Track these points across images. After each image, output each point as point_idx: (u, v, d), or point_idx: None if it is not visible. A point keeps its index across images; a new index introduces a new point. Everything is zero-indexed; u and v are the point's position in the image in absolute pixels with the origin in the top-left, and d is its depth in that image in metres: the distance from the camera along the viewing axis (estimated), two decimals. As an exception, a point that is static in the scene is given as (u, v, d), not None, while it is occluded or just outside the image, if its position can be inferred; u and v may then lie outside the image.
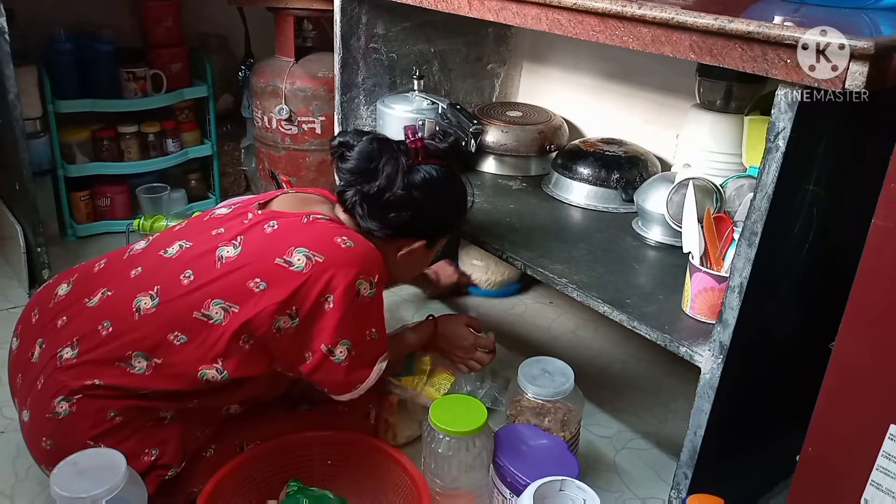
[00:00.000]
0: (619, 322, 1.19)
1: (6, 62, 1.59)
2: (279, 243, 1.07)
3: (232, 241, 1.09)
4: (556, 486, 1.10)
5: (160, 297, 1.06)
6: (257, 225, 1.10)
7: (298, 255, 1.05)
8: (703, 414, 1.06)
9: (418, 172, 1.14)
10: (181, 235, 1.15)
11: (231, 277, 1.05)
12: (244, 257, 1.06)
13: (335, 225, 1.13)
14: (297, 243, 1.06)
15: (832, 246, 1.07)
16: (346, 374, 1.09)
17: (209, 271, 1.06)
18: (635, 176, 1.56)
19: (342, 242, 1.08)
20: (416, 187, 1.14)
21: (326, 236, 1.08)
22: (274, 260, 1.05)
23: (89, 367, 1.04)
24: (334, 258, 1.06)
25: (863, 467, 0.84)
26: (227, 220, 1.15)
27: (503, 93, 1.98)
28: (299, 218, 1.11)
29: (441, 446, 1.09)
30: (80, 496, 0.90)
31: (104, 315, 1.07)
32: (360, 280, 1.06)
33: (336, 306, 1.05)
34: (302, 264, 1.05)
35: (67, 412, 1.04)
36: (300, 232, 1.09)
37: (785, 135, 0.88)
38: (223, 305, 1.04)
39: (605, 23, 1.03)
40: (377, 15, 1.66)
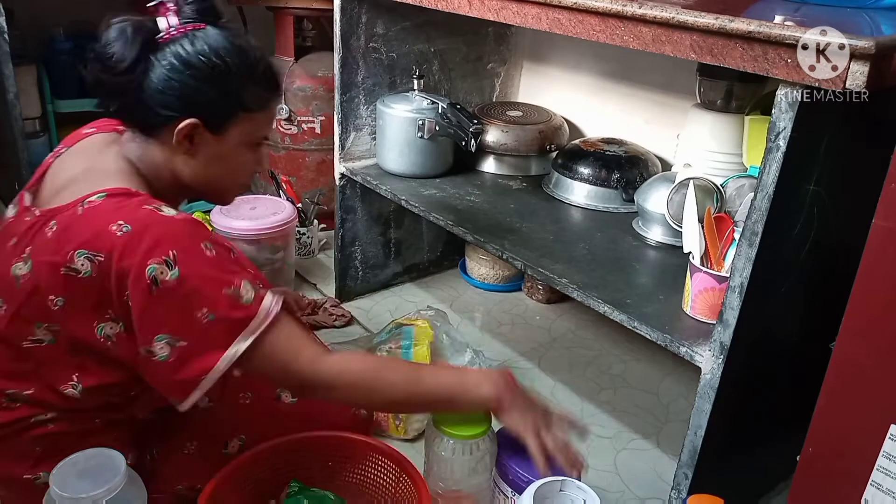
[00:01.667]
0: (619, 322, 1.19)
1: (6, 62, 1.59)
2: (60, 249, 0.91)
3: (22, 256, 0.95)
4: (556, 486, 1.10)
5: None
6: (39, 230, 0.95)
7: (80, 258, 0.90)
8: (703, 414, 1.06)
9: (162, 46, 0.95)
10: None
11: (35, 299, 0.93)
12: (36, 274, 0.93)
13: (110, 204, 0.93)
14: (75, 245, 0.90)
15: (832, 246, 1.07)
16: (178, 369, 0.91)
17: (14, 296, 0.95)
18: (636, 176, 1.56)
19: (117, 229, 0.89)
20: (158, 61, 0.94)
21: (101, 227, 0.90)
22: (60, 270, 0.91)
23: None
24: (113, 251, 0.89)
25: (863, 467, 0.84)
26: (16, 226, 1.00)
27: (503, 92, 1.98)
28: (75, 209, 0.93)
29: (444, 449, 1.09)
30: (79, 496, 0.90)
31: None
32: (149, 267, 0.88)
33: (137, 298, 0.89)
34: (87, 268, 0.90)
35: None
36: (77, 229, 0.92)
37: (785, 135, 0.88)
38: (46, 326, 0.95)
39: (606, 22, 1.03)
40: (377, 14, 1.66)
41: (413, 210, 1.59)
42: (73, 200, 0.94)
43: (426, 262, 2.02)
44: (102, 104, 1.00)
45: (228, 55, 0.97)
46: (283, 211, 1.83)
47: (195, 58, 0.95)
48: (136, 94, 0.96)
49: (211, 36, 0.97)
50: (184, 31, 0.96)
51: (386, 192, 1.66)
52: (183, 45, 0.95)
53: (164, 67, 0.94)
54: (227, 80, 0.97)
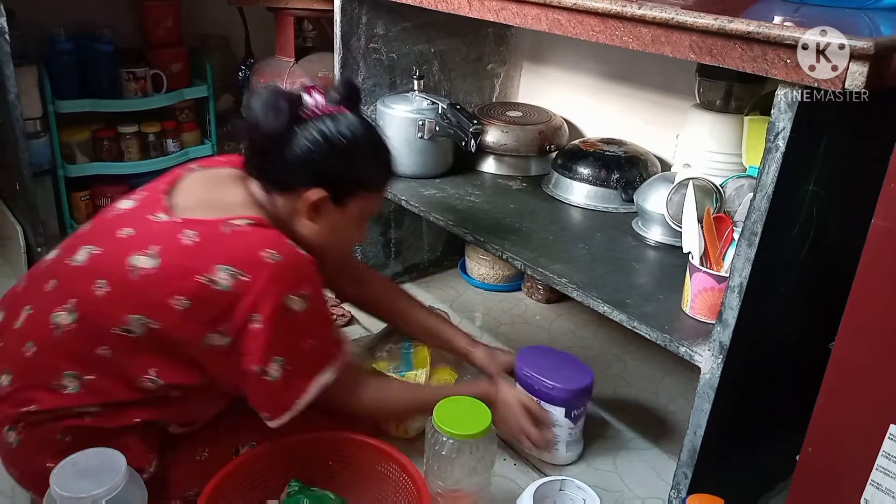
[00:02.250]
0: (619, 322, 1.19)
1: (6, 62, 1.59)
2: (201, 259, 0.99)
3: (146, 251, 1.00)
4: (556, 486, 1.11)
5: (78, 310, 1.01)
6: (174, 234, 1.02)
7: (223, 273, 0.98)
8: (703, 414, 1.06)
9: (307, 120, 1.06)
10: (88, 239, 1.07)
11: (150, 292, 0.99)
12: (164, 271, 0.99)
13: (258, 232, 1.03)
14: (220, 260, 0.99)
15: (832, 246, 1.07)
16: (282, 390, 1.04)
17: (123, 283, 1.00)
18: (635, 176, 1.56)
19: (268, 256, 1.00)
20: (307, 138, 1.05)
21: (251, 250, 1.00)
22: (196, 277, 0.98)
23: (23, 392, 1.02)
24: (260, 275, 0.99)
25: (863, 467, 0.84)
26: (134, 219, 1.06)
27: (503, 93, 1.98)
28: (219, 227, 1.02)
29: (444, 448, 1.09)
30: (80, 496, 0.90)
31: (27, 336, 1.04)
32: (288, 297, 1.00)
33: (266, 324, 0.99)
34: (227, 283, 0.98)
35: (17, 441, 1.03)
36: (223, 245, 1.01)
37: (785, 135, 0.88)
38: (143, 321, 0.99)
39: (605, 23, 1.03)
40: (377, 15, 1.66)
41: (413, 210, 1.59)
42: (214, 218, 1.03)
43: (426, 262, 2.02)
44: (248, 161, 1.11)
45: (362, 139, 1.09)
46: (284, 211, 1.83)
47: (335, 137, 1.06)
48: (277, 157, 1.06)
49: (350, 120, 1.08)
50: (328, 112, 1.08)
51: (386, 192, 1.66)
52: (326, 124, 1.06)
53: (306, 140, 1.05)
54: (357, 161, 1.09)
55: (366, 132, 1.10)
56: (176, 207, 1.06)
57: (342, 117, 1.08)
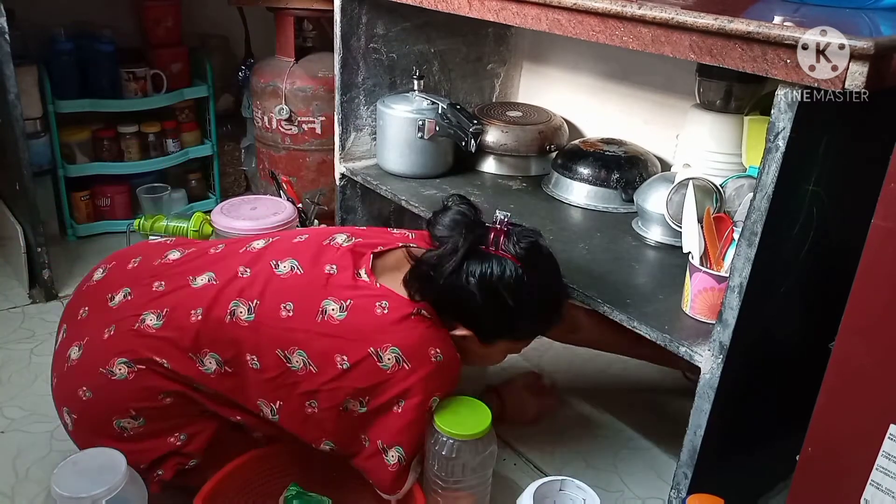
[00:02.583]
0: (619, 322, 1.19)
1: (6, 62, 1.59)
2: (380, 333, 1.05)
3: (341, 301, 1.06)
4: (556, 486, 1.11)
5: (256, 314, 1.05)
6: (370, 296, 1.07)
7: (390, 354, 1.04)
8: (703, 414, 1.06)
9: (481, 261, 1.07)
10: (296, 252, 1.12)
11: (324, 340, 1.04)
12: (345, 328, 1.04)
13: (432, 331, 1.08)
14: (394, 341, 1.04)
15: (832, 246, 1.07)
16: (396, 478, 1.09)
17: (308, 318, 1.05)
18: (635, 176, 1.56)
19: (434, 355, 1.06)
20: (471, 275, 1.07)
21: (422, 345, 1.06)
22: (368, 348, 1.04)
23: (165, 345, 1.04)
24: (421, 370, 1.05)
25: (863, 467, 0.84)
26: (342, 260, 1.11)
27: (503, 93, 1.98)
28: (408, 309, 1.07)
29: (445, 449, 1.09)
30: (79, 496, 0.90)
31: (198, 302, 1.07)
32: (435, 396, 1.08)
33: (405, 412, 1.06)
34: (390, 364, 1.04)
35: (124, 376, 1.04)
36: (401, 330, 1.06)
37: (785, 135, 0.88)
38: (305, 359, 1.04)
39: (605, 23, 1.03)
40: (377, 15, 1.66)
41: (413, 210, 1.59)
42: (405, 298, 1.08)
43: (426, 263, 2.02)
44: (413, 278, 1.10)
45: (520, 292, 1.08)
46: (284, 211, 1.83)
47: (493, 284, 1.06)
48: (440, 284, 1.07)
49: (516, 270, 1.07)
50: (500, 255, 1.08)
51: (386, 193, 1.66)
52: (492, 267, 1.07)
53: (469, 277, 1.06)
54: (508, 313, 1.09)
55: (527, 286, 1.08)
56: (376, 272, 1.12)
57: (510, 264, 1.07)
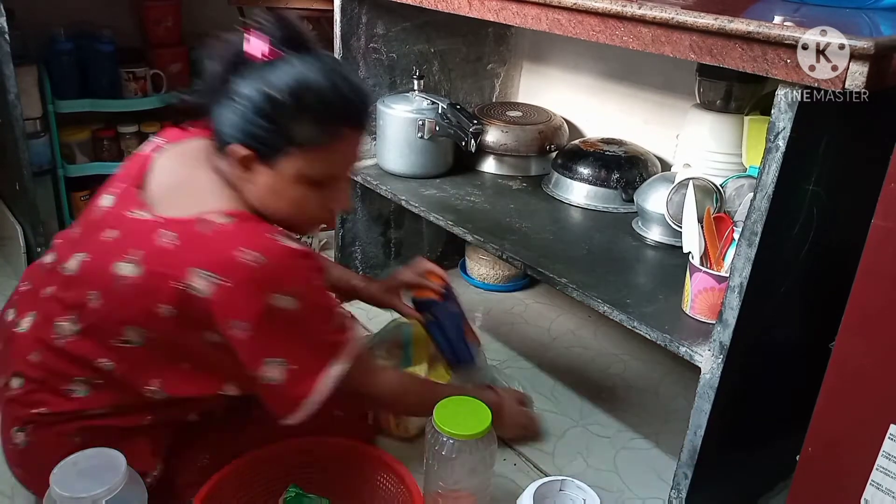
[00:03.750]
0: (619, 322, 1.19)
1: (6, 62, 1.59)
2: (178, 264, 0.94)
3: (128, 256, 0.96)
4: (556, 486, 1.10)
5: (80, 322, 1.00)
6: (153, 236, 0.96)
7: (198, 278, 0.92)
8: (703, 414, 1.06)
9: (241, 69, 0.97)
10: (77, 244, 1.05)
11: (137, 302, 0.96)
12: (147, 279, 0.95)
13: (235, 229, 0.96)
14: (193, 262, 0.93)
15: (832, 246, 1.07)
16: (289, 390, 0.98)
17: (112, 293, 0.97)
18: (635, 176, 1.56)
19: (246, 257, 0.92)
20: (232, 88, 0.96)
21: (225, 252, 0.93)
22: (172, 284, 0.93)
23: (34, 395, 1.02)
24: (237, 279, 0.92)
25: (863, 467, 0.84)
26: (116, 219, 1.02)
27: (503, 93, 1.98)
28: (195, 226, 0.95)
29: (445, 449, 1.09)
30: (80, 496, 0.90)
31: (33, 342, 1.03)
32: (275, 297, 0.93)
33: (252, 332, 0.94)
34: (204, 288, 0.92)
35: (25, 442, 1.03)
36: (196, 246, 0.94)
37: (785, 135, 0.88)
38: (139, 331, 0.97)
39: (605, 23, 1.03)
40: (377, 15, 1.66)
41: (413, 210, 1.59)
42: (191, 216, 0.96)
43: (426, 263, 2.02)
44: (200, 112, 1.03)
45: (285, 92, 0.94)
46: (284, 211, 1.83)
47: (254, 92, 0.95)
48: (212, 112, 1.00)
49: (278, 70, 0.95)
50: (264, 59, 0.96)
51: (386, 193, 1.66)
52: (248, 78, 0.96)
53: (233, 93, 0.96)
54: (276, 115, 0.95)
55: (293, 81, 0.94)
56: (152, 201, 1.01)
57: (268, 67, 0.95)
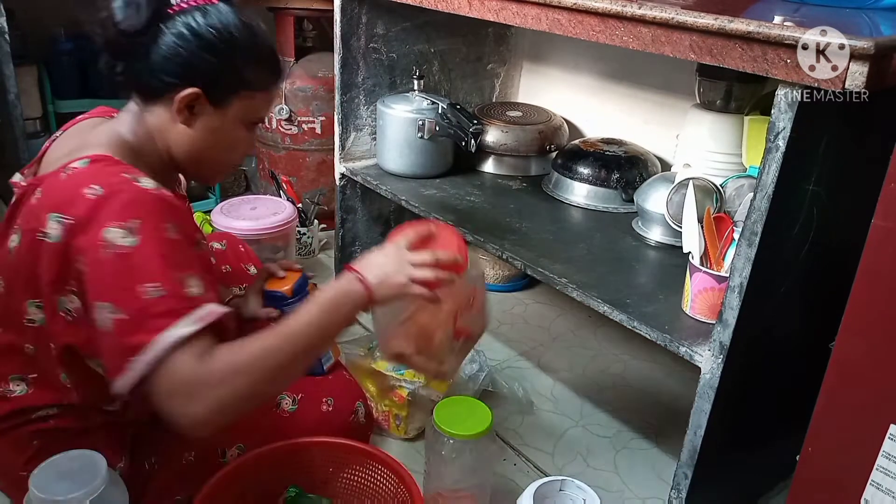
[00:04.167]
0: (619, 322, 1.19)
1: (6, 62, 1.60)
2: (38, 214, 0.90)
3: (14, 227, 0.95)
4: (556, 486, 1.11)
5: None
6: (27, 200, 0.94)
7: (52, 222, 0.88)
8: (703, 414, 1.06)
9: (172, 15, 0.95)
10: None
11: (25, 271, 0.92)
12: (24, 244, 0.92)
13: (91, 169, 0.91)
14: (49, 208, 0.89)
15: (832, 246, 1.07)
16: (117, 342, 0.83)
17: (7, 270, 0.95)
18: (635, 176, 1.56)
19: (90, 192, 0.87)
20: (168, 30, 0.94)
21: (76, 190, 0.88)
22: (36, 236, 0.89)
23: None
24: (81, 213, 0.86)
25: (863, 467, 0.84)
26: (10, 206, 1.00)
27: (503, 93, 1.98)
28: (58, 175, 0.91)
29: (444, 449, 1.09)
30: (58, 499, 0.89)
31: None
32: (107, 229, 0.84)
33: (87, 266, 0.86)
34: (57, 233, 0.87)
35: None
36: (55, 192, 0.91)
37: (785, 135, 0.88)
38: (36, 304, 0.94)
39: (605, 23, 1.03)
40: (377, 15, 1.66)
41: (413, 210, 1.59)
42: (55, 170, 0.93)
43: (426, 263, 2.02)
44: (108, 65, 0.98)
45: (237, 31, 0.96)
46: (284, 211, 1.83)
47: (205, 30, 0.94)
48: (143, 59, 0.95)
49: (222, 11, 0.96)
50: (196, 4, 0.96)
51: (386, 193, 1.66)
52: (194, 17, 0.95)
53: (173, 36, 0.94)
54: (233, 55, 0.96)
55: (241, 23, 0.97)
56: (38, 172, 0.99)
57: (212, 8, 0.96)
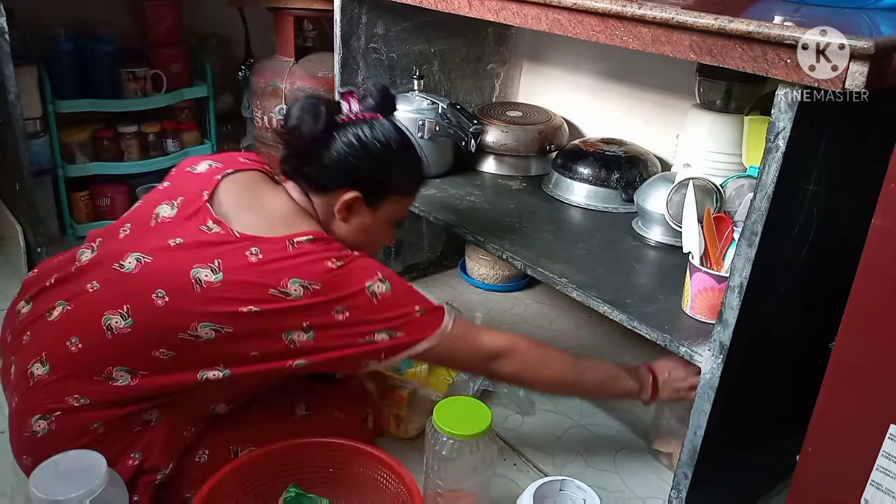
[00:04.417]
0: (619, 322, 1.19)
1: (6, 62, 1.59)
2: (270, 274, 1.02)
3: (209, 264, 1.02)
4: (556, 486, 1.11)
5: (133, 316, 1.02)
6: (237, 250, 1.04)
7: (294, 285, 1.02)
8: (703, 414, 1.06)
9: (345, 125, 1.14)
10: (133, 245, 1.08)
11: (216, 304, 1.01)
12: (230, 284, 1.02)
13: (322, 247, 1.07)
14: (290, 275, 1.02)
15: (832, 246, 1.07)
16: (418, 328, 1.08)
17: (187, 294, 1.01)
18: (635, 176, 1.56)
19: (332, 264, 1.05)
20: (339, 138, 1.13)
21: (317, 264, 1.04)
22: (269, 291, 1.01)
23: (66, 383, 1.03)
24: (332, 281, 1.04)
25: (863, 467, 0.84)
26: (181, 228, 1.08)
27: (503, 93, 1.98)
28: (283, 245, 1.05)
29: (445, 449, 1.09)
30: (58, 498, 0.89)
31: (69, 331, 1.04)
32: (368, 285, 1.05)
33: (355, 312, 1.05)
34: (300, 293, 1.02)
35: (46, 430, 1.03)
36: (290, 262, 1.04)
37: (785, 135, 0.88)
38: (213, 327, 1.01)
39: (605, 23, 1.03)
40: (377, 15, 1.66)
41: (413, 210, 1.59)
42: (275, 235, 1.06)
43: (426, 262, 2.02)
44: (286, 163, 1.18)
45: (396, 144, 1.16)
46: (284, 211, 1.83)
47: (370, 141, 1.13)
48: (316, 160, 1.14)
49: (385, 126, 1.16)
50: (363, 118, 1.15)
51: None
52: (363, 129, 1.14)
53: (343, 144, 1.12)
54: (390, 164, 1.16)
55: (399, 138, 1.17)
56: (225, 217, 1.08)
57: (377, 123, 1.15)
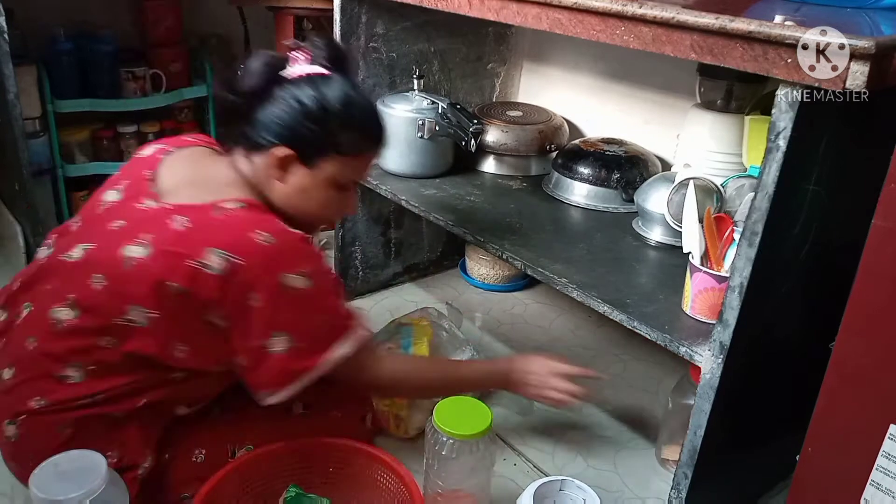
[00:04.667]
0: (619, 322, 1.19)
1: (6, 62, 1.59)
2: (192, 244, 0.99)
3: (137, 240, 1.01)
4: (556, 486, 1.11)
5: (78, 305, 1.02)
6: (164, 221, 1.02)
7: (214, 256, 0.98)
8: (703, 414, 1.06)
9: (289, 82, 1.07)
10: (81, 236, 1.08)
11: (144, 281, 0.99)
12: (156, 258, 0.99)
13: (250, 215, 1.03)
14: (211, 244, 0.98)
15: (833, 246, 1.07)
16: (288, 364, 1.02)
17: (119, 274, 1.00)
18: (635, 176, 1.56)
19: (260, 238, 1.00)
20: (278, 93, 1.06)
21: (242, 233, 1.00)
22: (186, 262, 0.98)
23: (26, 386, 1.03)
24: (252, 257, 0.99)
25: (863, 467, 0.84)
26: (123, 210, 1.07)
27: (503, 92, 1.98)
28: (209, 211, 1.02)
29: (445, 449, 1.09)
30: (58, 498, 0.89)
31: (28, 332, 1.05)
32: (285, 276, 1.00)
33: (265, 304, 1.00)
34: (219, 266, 0.97)
35: (16, 435, 1.03)
36: (213, 230, 1.01)
37: (786, 134, 0.88)
38: (142, 310, 1.00)
39: (606, 22, 1.03)
40: (377, 14, 1.66)
41: (413, 210, 1.59)
42: (203, 202, 1.03)
43: (426, 262, 2.02)
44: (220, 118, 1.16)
45: (337, 102, 1.07)
46: (284, 211, 1.83)
47: (308, 97, 1.06)
48: (249, 115, 1.07)
49: (331, 83, 1.08)
50: (308, 76, 1.08)
51: (386, 192, 1.66)
52: (304, 86, 1.06)
53: (279, 99, 1.06)
54: (327, 122, 1.07)
55: (342, 95, 1.07)
56: (163, 192, 1.07)
57: (322, 80, 1.07)
